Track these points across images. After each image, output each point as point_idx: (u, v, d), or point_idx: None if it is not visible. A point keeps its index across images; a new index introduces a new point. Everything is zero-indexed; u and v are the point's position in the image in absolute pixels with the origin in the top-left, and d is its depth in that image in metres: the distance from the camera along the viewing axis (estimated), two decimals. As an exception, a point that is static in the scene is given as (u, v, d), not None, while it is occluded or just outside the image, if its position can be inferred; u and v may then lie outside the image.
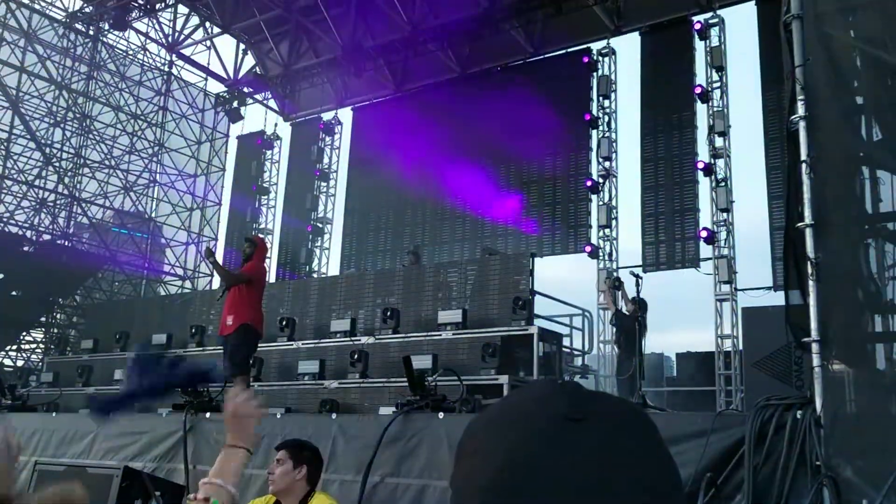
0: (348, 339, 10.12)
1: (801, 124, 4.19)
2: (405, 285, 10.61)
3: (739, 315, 12.10)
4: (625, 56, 15.02)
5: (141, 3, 17.67)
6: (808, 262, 4.00)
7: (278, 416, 6.58)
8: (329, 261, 18.48)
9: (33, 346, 17.47)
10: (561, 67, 15.35)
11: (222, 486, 1.83)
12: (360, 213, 17.63)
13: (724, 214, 13.22)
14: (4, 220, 16.79)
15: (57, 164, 17.49)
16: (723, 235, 13.09)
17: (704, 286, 13.15)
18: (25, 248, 16.76)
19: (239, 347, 7.85)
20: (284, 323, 10.87)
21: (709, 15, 13.95)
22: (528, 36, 15.90)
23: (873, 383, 4.40)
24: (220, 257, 18.98)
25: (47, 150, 17.34)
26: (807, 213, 4.08)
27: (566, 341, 10.92)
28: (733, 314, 12.64)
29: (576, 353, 11.68)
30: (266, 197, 19.71)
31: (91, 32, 18.33)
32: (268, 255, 9.26)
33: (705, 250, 13.16)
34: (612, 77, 14.90)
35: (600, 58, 14.97)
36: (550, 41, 15.71)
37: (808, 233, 4.07)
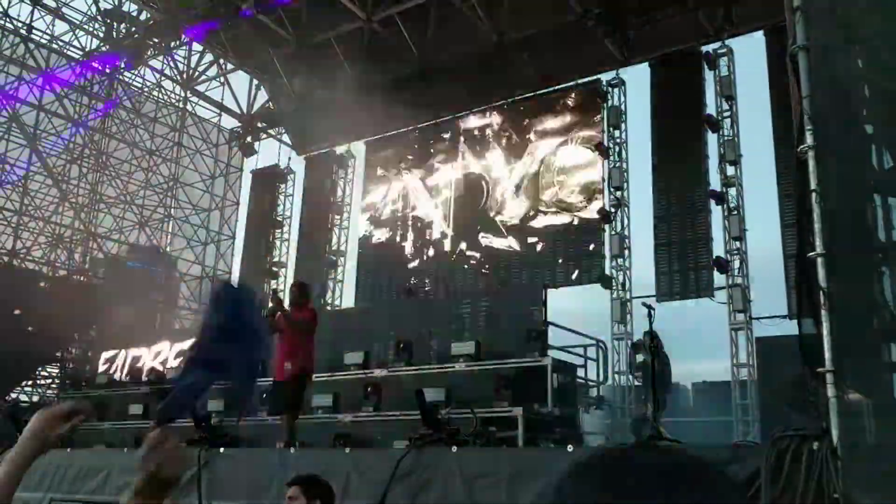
0: (362, 371, 10.10)
1: (810, 154, 4.19)
2: (418, 317, 10.60)
3: (754, 344, 12.02)
4: (635, 86, 15.12)
5: (156, 41, 17.99)
6: (821, 292, 3.99)
7: (292, 451, 6.56)
8: (343, 293, 18.52)
9: (48, 381, 17.55)
10: (571, 99, 15.44)
11: None
12: (374, 246, 17.66)
13: (737, 243, 13.20)
14: (21, 256, 16.98)
15: (73, 201, 17.71)
16: (736, 264, 13.05)
17: (719, 315, 13.09)
18: (42, 284, 16.91)
19: (297, 393, 7.91)
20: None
21: (717, 45, 14.05)
22: (538, 68, 16.02)
23: (891, 413, 4.35)
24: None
25: (64, 187, 17.58)
26: (818, 242, 4.07)
27: (581, 372, 10.86)
28: (749, 343, 12.55)
29: (591, 383, 11.61)
30: (280, 230, 19.84)
31: (107, 70, 18.64)
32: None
33: (719, 279, 13.11)
34: (623, 107, 14.99)
35: (610, 89, 15.07)
36: (560, 73, 15.82)
37: (820, 262, 4.06)
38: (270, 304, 8.23)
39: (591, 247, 14.45)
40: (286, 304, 8.25)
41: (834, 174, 4.37)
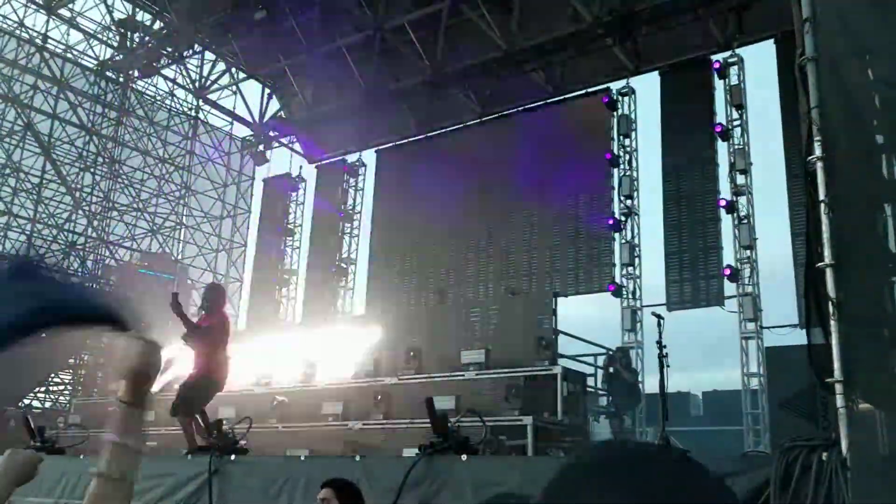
0: (371, 379, 10.13)
1: (819, 165, 4.20)
2: (428, 325, 10.63)
3: (765, 353, 11.98)
4: (645, 95, 15.13)
5: (169, 50, 18.13)
6: (829, 302, 3.99)
7: (302, 459, 6.59)
8: (353, 301, 18.57)
9: (61, 387, 17.65)
10: (581, 107, 15.46)
11: (127, 444, 1.43)
12: (385, 254, 17.72)
13: (748, 252, 13.17)
14: (35, 263, 17.09)
15: (86, 208, 17.84)
16: (746, 273, 13.03)
17: (729, 324, 13.06)
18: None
19: (190, 392, 7.66)
20: (308, 364, 10.92)
21: (727, 54, 14.04)
22: (548, 77, 16.06)
23: (901, 424, 4.34)
24: (246, 298, 19.11)
25: (77, 195, 17.71)
26: (827, 252, 4.07)
27: (590, 381, 10.87)
28: (759, 352, 12.51)
29: (600, 392, 11.60)
30: (291, 238, 19.93)
31: (121, 79, 18.79)
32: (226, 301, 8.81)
33: (729, 288, 13.08)
34: (633, 116, 14.99)
35: (620, 97, 15.08)
36: (570, 82, 15.86)
37: (829, 272, 4.06)
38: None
39: (602, 255, 14.45)
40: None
41: (843, 185, 4.38)
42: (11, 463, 1.91)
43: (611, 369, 11.28)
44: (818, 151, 4.19)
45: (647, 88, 15.08)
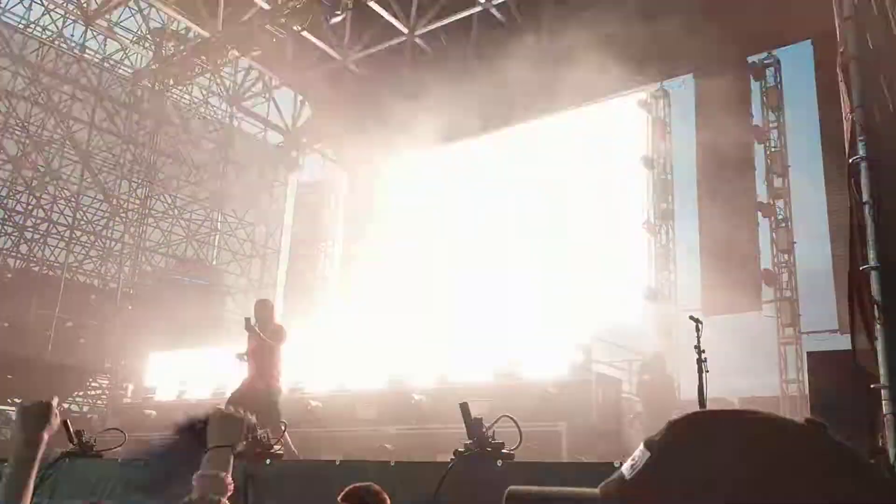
0: (405, 384, 10.11)
1: (863, 165, 4.11)
2: (461, 330, 10.58)
3: (804, 359, 11.75)
4: (679, 98, 14.96)
5: (203, 58, 18.32)
6: (875, 306, 3.90)
7: (337, 463, 6.58)
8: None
9: (98, 391, 17.89)
10: (615, 111, 15.35)
11: (218, 476, 1.68)
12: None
13: (786, 256, 12.95)
14: (74, 269, 17.38)
15: (123, 215, 18.10)
16: (784, 277, 12.81)
17: (767, 330, 12.83)
18: (93, 297, 17.29)
19: (268, 403, 7.94)
20: (342, 369, 10.95)
21: (763, 55, 13.84)
22: (582, 81, 15.92)
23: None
24: (280, 304, 19.24)
25: (114, 202, 17.98)
26: (871, 255, 3.98)
27: (625, 387, 10.75)
28: (798, 358, 12.30)
29: (635, 399, 11.47)
30: (324, 243, 20.04)
31: (156, 88, 19.06)
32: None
33: (767, 292, 12.87)
34: (667, 119, 14.84)
35: (654, 100, 14.94)
36: (604, 85, 15.71)
37: (874, 275, 3.97)
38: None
39: (636, 259, 14.31)
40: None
41: (888, 185, 4.28)
42: (23, 417, 1.92)
43: (645, 375, 11.15)
44: (862, 151, 4.10)
45: (682, 90, 14.92)
